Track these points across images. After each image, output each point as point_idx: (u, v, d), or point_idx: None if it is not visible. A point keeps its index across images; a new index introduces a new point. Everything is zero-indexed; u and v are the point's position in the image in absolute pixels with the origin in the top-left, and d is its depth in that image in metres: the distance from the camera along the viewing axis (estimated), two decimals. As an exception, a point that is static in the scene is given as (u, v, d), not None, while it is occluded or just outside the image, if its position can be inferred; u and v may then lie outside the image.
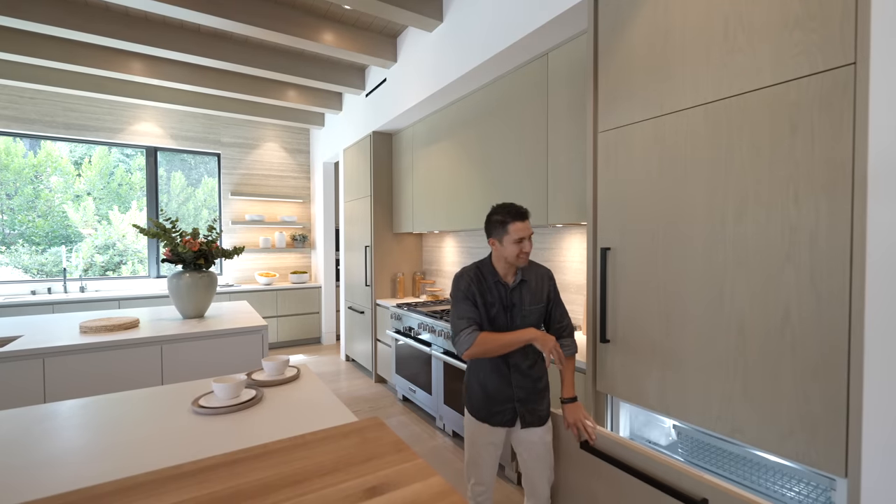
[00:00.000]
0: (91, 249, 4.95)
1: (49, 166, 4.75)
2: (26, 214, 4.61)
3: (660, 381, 1.50)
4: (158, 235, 2.74)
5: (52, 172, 4.70)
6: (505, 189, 2.57)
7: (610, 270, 1.67)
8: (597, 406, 1.74)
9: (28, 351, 2.08)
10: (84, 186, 4.83)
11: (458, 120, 3.02)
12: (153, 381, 2.37)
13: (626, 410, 1.73)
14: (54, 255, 4.72)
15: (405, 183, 3.79)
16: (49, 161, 4.74)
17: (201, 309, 2.93)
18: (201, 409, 1.28)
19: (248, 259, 5.36)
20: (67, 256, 4.79)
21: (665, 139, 1.47)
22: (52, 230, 4.75)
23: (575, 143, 2.11)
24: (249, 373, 1.61)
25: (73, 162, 4.83)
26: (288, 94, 4.39)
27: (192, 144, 5.02)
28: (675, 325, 1.44)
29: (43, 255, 4.71)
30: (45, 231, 4.74)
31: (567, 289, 2.59)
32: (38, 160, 4.64)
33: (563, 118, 2.17)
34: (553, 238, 2.68)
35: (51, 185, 4.70)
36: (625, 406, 1.68)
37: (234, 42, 3.45)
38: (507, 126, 2.55)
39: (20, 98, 4.20)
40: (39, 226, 4.69)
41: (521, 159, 2.45)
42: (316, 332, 5.38)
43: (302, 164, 5.68)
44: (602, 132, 1.69)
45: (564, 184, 2.17)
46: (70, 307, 4.08)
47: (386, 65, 3.46)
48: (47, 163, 4.75)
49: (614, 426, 1.73)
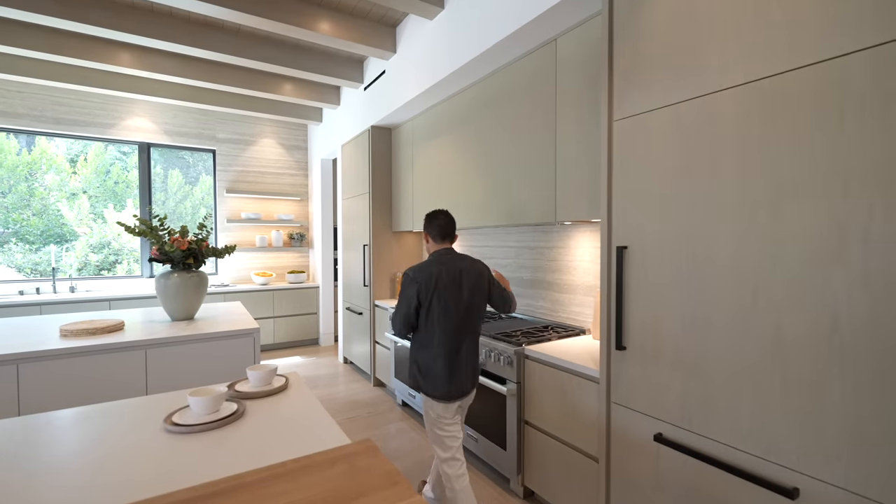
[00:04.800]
0: (86, 248, 4.83)
1: (44, 164, 4.63)
2: (20, 213, 4.49)
3: (682, 392, 1.36)
4: (145, 234, 2.61)
5: (46, 170, 4.57)
6: (509, 185, 2.43)
7: (626, 271, 1.53)
8: (612, 420, 1.60)
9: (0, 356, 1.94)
10: (79, 184, 4.71)
11: (459, 113, 2.88)
12: (137, 388, 2.24)
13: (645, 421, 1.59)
14: (48, 255, 4.60)
15: (405, 180, 3.65)
16: (44, 158, 4.62)
17: (191, 311, 2.80)
18: (175, 428, 1.15)
19: (245, 258, 5.22)
20: (61, 256, 4.67)
21: (689, 127, 1.33)
22: (46, 228, 4.63)
23: (586, 134, 1.97)
24: (233, 383, 1.48)
25: (69, 160, 4.70)
26: (284, 88, 4.25)
27: (187, 140, 4.89)
28: (701, 330, 1.31)
29: (36, 254, 4.59)
30: (40, 230, 4.62)
31: (575, 290, 2.45)
32: (32, 157, 4.53)
33: (573, 108, 2.03)
34: (560, 237, 2.55)
35: (45, 183, 4.58)
36: (643, 418, 1.55)
37: (225, 31, 3.31)
38: (511, 118, 2.41)
39: (7, 91, 4.06)
40: (34, 224, 4.57)
41: (527, 153, 2.31)
42: (314, 334, 5.25)
43: (300, 161, 5.54)
44: (618, 121, 1.55)
45: (574, 178, 2.03)
46: (58, 308, 3.95)
47: (385, 56, 3.32)
48: (42, 160, 4.63)
49: (630, 440, 1.60)
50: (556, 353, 1.93)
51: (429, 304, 1.72)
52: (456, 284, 1.75)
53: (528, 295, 2.79)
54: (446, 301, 1.72)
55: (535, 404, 1.99)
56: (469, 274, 1.78)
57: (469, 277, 1.78)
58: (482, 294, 1.82)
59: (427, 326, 1.75)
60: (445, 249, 1.85)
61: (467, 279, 1.77)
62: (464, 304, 1.75)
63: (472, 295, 1.78)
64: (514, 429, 2.07)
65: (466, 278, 1.77)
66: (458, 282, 1.75)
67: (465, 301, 1.76)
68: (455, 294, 1.74)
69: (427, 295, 1.72)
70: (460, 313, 1.75)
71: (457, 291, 1.74)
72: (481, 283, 1.81)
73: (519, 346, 2.08)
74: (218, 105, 4.49)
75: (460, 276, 1.76)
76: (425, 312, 1.74)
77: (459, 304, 1.74)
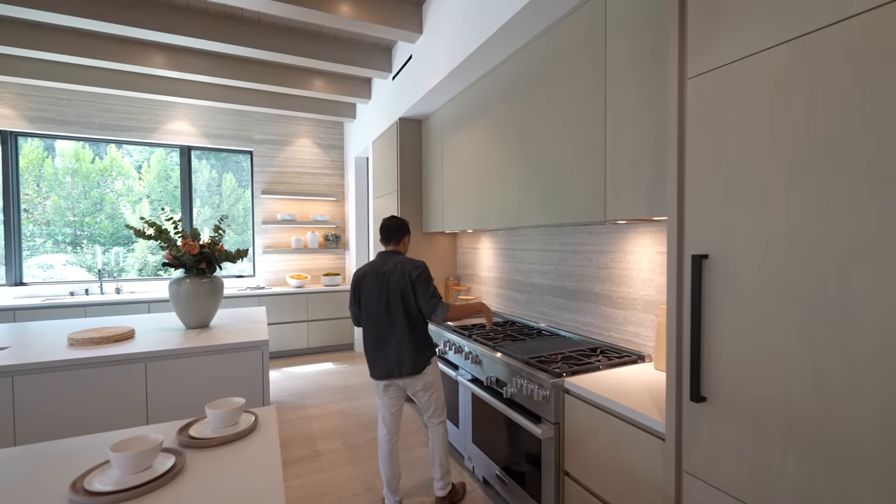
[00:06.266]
0: (145, 250, 5.00)
1: (114, 171, 4.84)
2: (94, 217, 4.71)
3: (796, 480, 0.90)
4: (153, 237, 2.46)
5: (116, 176, 4.78)
6: (547, 178, 2.01)
7: (707, 289, 1.08)
8: (683, 495, 1.15)
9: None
10: (143, 189, 4.88)
11: (489, 96, 2.48)
12: (136, 405, 2.07)
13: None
14: (115, 255, 4.81)
15: (434, 175, 3.31)
16: (114, 166, 4.83)
17: (204, 318, 2.64)
18: (81, 499, 0.87)
19: (280, 260, 5.15)
20: (126, 256, 4.86)
21: (820, 70, 0.86)
22: (115, 231, 4.84)
23: (646, 106, 1.51)
24: (186, 424, 1.20)
25: (136, 167, 4.89)
26: (315, 84, 4.08)
27: (225, 142, 4.88)
28: (833, 384, 0.84)
29: (104, 255, 4.80)
30: (109, 232, 4.84)
31: (631, 305, 1.98)
32: (103, 165, 4.75)
33: (629, 74, 1.58)
34: (612, 239, 2.08)
35: (115, 189, 4.79)
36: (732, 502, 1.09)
37: (246, 23, 3.14)
38: (549, 96, 1.99)
39: (58, 100, 4.21)
40: (105, 227, 4.79)
41: (569, 138, 1.87)
42: (348, 339, 5.07)
43: (336, 161, 5.38)
44: (694, 77, 1.10)
45: (629, 164, 1.58)
46: (100, 310, 4.02)
47: (411, 38, 3.00)
48: (112, 168, 4.84)
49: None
50: (606, 389, 1.49)
51: (358, 298, 2.07)
52: (378, 282, 2.00)
53: (573, 308, 2.34)
54: (369, 296, 2.02)
55: (579, 453, 1.57)
56: (392, 273, 1.99)
57: (393, 276, 1.99)
58: (405, 291, 1.98)
59: (362, 318, 2.07)
60: (387, 252, 2.10)
61: (392, 277, 1.99)
62: (384, 299, 1.99)
63: (393, 292, 1.98)
64: (552, 481, 1.66)
65: (391, 277, 1.99)
66: (382, 280, 2.00)
67: (385, 296, 1.99)
68: (377, 291, 2.00)
69: (357, 291, 2.07)
70: (381, 307, 1.99)
71: (378, 289, 2.00)
72: (402, 282, 1.98)
73: (558, 376, 1.66)
74: (252, 105, 4.43)
75: (385, 275, 2.00)
76: (357, 305, 2.08)
77: (381, 299, 1.99)
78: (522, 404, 1.81)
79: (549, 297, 2.55)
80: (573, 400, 1.59)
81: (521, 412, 1.81)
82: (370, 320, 2.02)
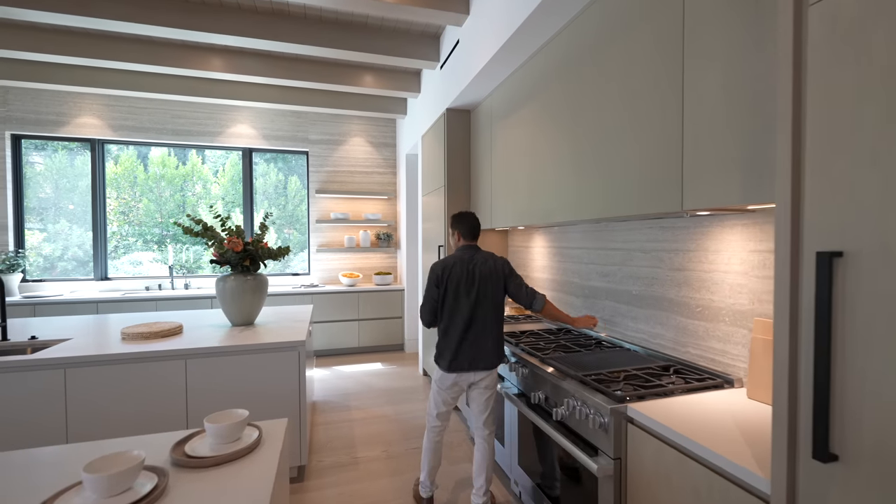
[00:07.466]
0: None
1: (194, 175, 5.20)
2: (176, 218, 5.09)
3: None
4: (201, 234, 2.48)
5: (196, 181, 5.12)
6: (608, 158, 1.70)
7: (842, 299, 0.76)
8: (799, 585, 0.83)
9: (47, 360, 1.90)
10: (219, 192, 5.17)
11: (544, 73, 2.20)
12: (176, 401, 2.07)
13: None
14: (195, 253, 5.14)
15: (483, 169, 3.08)
16: (195, 171, 5.19)
17: (249, 315, 2.63)
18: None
19: (333, 259, 5.19)
20: (201, 255, 5.18)
21: None
22: None
23: (742, 59, 1.18)
24: (186, 437, 1.08)
25: (213, 171, 5.21)
26: (364, 79, 4.02)
27: (283, 144, 5.01)
28: None
29: (185, 253, 5.15)
30: None
31: (716, 316, 1.61)
32: (185, 170, 5.11)
33: (717, 22, 1.25)
34: (690, 234, 1.72)
35: (195, 192, 5.13)
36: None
37: (292, 19, 3.12)
38: (605, 66, 1.68)
39: (137, 109, 4.54)
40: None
41: (636, 107, 1.56)
42: (398, 339, 4.98)
43: (388, 159, 5.33)
44: (817, 3, 0.78)
45: (715, 139, 1.24)
46: (169, 304, 4.26)
47: (458, 20, 2.79)
48: (193, 172, 5.21)
49: None
50: (683, 421, 1.18)
51: (444, 289, 1.97)
52: (469, 274, 1.96)
53: (640, 317, 2.00)
54: (458, 287, 1.95)
55: (646, 496, 1.27)
56: (483, 265, 1.98)
57: (484, 268, 1.97)
58: (497, 284, 1.97)
59: (445, 309, 1.97)
60: (470, 246, 2.06)
61: (483, 269, 1.97)
62: (475, 291, 1.94)
63: (484, 284, 1.95)
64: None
65: (482, 269, 1.97)
66: (472, 272, 1.96)
67: (476, 288, 1.94)
68: (467, 282, 1.95)
69: (443, 281, 1.98)
70: (471, 298, 1.94)
71: (468, 280, 1.95)
72: (495, 275, 1.98)
73: (620, 401, 1.36)
74: (308, 105, 4.49)
75: (474, 267, 1.97)
76: (442, 300, 1.98)
77: (471, 291, 1.94)
78: (575, 430, 1.53)
79: (609, 303, 2.22)
80: (638, 432, 1.29)
81: (575, 439, 1.53)
82: (457, 311, 1.95)
